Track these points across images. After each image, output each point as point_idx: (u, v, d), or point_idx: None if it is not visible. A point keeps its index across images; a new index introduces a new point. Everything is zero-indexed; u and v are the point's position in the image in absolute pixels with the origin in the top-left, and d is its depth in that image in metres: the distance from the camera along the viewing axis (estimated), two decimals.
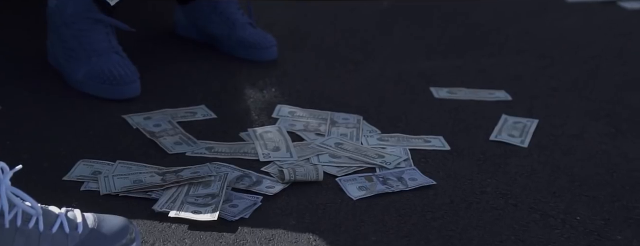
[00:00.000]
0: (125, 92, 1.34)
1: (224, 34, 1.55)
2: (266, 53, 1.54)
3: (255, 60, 1.53)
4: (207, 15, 1.57)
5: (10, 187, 0.81)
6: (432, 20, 1.78)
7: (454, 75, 1.46)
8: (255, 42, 1.53)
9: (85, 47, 1.38)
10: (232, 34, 1.54)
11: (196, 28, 1.60)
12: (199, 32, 1.60)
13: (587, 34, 1.71)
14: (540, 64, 1.53)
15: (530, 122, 1.26)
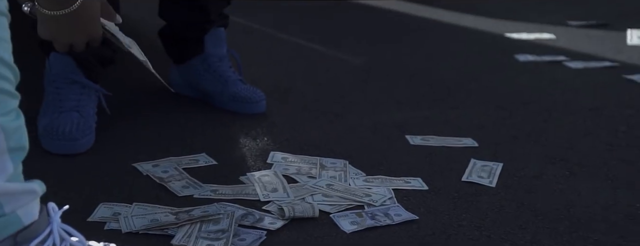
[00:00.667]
0: (69, 147, 1.38)
1: (217, 90, 1.65)
2: (257, 106, 1.64)
3: (247, 113, 1.63)
4: (202, 73, 1.67)
5: (60, 224, 0.88)
6: (400, 77, 1.91)
7: (424, 124, 1.59)
8: (246, 97, 1.63)
9: (56, 103, 1.46)
10: (224, 90, 1.65)
11: (190, 85, 1.70)
12: (193, 89, 1.70)
13: (539, 89, 1.86)
14: (500, 115, 1.66)
15: (496, 165, 1.38)
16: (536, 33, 2.37)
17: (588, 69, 2.02)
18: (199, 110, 1.63)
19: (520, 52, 2.13)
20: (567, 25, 2.49)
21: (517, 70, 1.99)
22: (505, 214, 1.21)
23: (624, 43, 2.29)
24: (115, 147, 1.42)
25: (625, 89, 1.87)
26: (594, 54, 2.16)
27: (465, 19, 2.54)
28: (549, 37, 2.33)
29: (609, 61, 2.08)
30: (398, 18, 2.58)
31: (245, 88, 1.65)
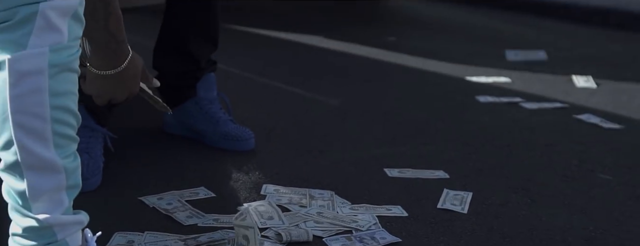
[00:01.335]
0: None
1: (209, 129, 1.75)
2: (246, 144, 1.74)
3: (237, 150, 1.73)
4: (194, 114, 1.77)
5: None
6: (374, 117, 2.03)
7: (400, 159, 1.70)
8: (237, 135, 1.73)
9: None
10: (216, 129, 1.74)
11: (183, 125, 1.79)
12: (186, 129, 1.79)
13: (499, 127, 1.99)
14: (466, 151, 1.79)
15: (466, 194, 1.50)
16: (494, 77, 2.52)
17: (541, 109, 2.17)
18: (192, 148, 1.73)
19: (480, 94, 2.28)
20: (521, 70, 2.66)
21: (479, 110, 2.14)
22: (477, 237, 1.33)
23: (572, 86, 2.46)
24: (121, 183, 1.51)
25: (575, 127, 2.02)
26: (546, 95, 2.32)
27: (429, 64, 2.69)
28: (505, 81, 2.49)
29: (560, 102, 2.24)
30: (368, 62, 2.72)
31: (235, 128, 1.75)
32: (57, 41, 0.94)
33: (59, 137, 0.96)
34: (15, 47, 0.92)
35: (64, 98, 0.96)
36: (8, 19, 0.92)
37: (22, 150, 0.94)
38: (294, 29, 3.22)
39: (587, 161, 1.75)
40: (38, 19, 0.92)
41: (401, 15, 3.97)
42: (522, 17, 3.92)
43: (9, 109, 0.93)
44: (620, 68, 2.78)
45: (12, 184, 0.95)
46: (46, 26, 0.93)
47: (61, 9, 0.93)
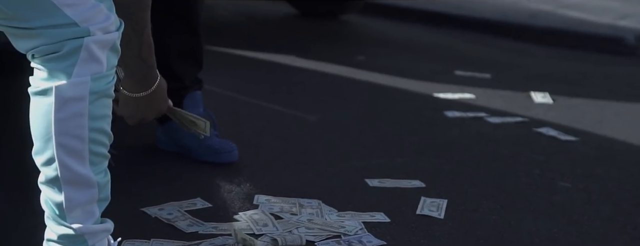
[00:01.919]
0: None
1: (194, 143, 1.83)
2: (229, 156, 1.82)
3: (222, 162, 1.81)
4: (181, 130, 1.85)
5: None
6: (351, 132, 2.14)
7: (379, 170, 1.81)
8: (220, 148, 1.82)
9: None
10: (201, 143, 1.83)
11: (173, 141, 1.87)
12: (175, 144, 1.87)
13: (467, 140, 2.12)
14: (439, 162, 1.91)
15: (442, 201, 1.61)
16: (459, 93, 2.66)
17: (504, 123, 2.30)
18: (184, 163, 1.80)
19: (448, 109, 2.41)
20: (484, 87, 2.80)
21: (447, 125, 2.26)
22: (454, 239, 1.44)
23: (531, 102, 2.61)
24: (121, 195, 1.56)
25: (535, 140, 2.16)
26: (507, 110, 2.46)
27: (398, 82, 2.81)
28: (469, 97, 2.62)
29: (521, 117, 2.38)
30: (340, 80, 2.83)
31: (219, 141, 1.83)
32: (98, 71, 1.04)
33: (94, 155, 1.06)
34: (62, 76, 1.02)
35: (100, 121, 1.07)
36: (56, 51, 1.02)
37: (62, 166, 1.03)
38: (267, 49, 3.32)
39: (548, 170, 1.88)
40: (82, 51, 1.02)
41: (364, 34, 4.10)
42: (482, 37, 4.08)
43: (53, 131, 1.03)
44: (573, 85, 2.95)
45: (50, 196, 1.04)
46: (89, 58, 1.03)
47: (102, 42, 1.03)
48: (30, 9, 1.00)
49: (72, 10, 1.01)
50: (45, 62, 1.03)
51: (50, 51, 1.02)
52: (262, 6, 4.73)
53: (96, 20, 1.02)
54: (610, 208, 1.66)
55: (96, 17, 1.02)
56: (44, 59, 1.03)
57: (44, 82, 1.04)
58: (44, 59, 1.03)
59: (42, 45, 1.02)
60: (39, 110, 1.05)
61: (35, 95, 1.06)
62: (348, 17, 4.39)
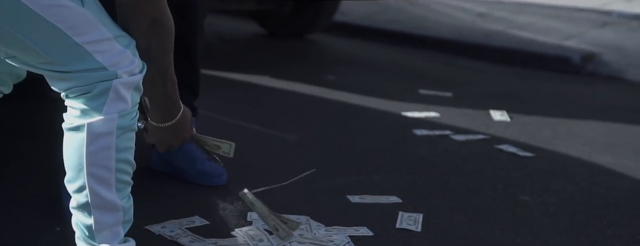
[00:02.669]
0: None
1: (187, 166, 1.93)
2: (219, 179, 1.92)
3: (212, 185, 1.91)
4: (175, 154, 1.94)
5: None
6: (329, 150, 2.26)
7: (358, 187, 1.94)
8: (211, 172, 1.92)
9: None
10: (193, 166, 1.93)
11: (166, 163, 1.96)
12: (169, 166, 1.96)
13: (435, 157, 2.26)
14: (412, 178, 2.04)
15: (418, 215, 1.75)
16: (425, 112, 2.81)
17: (468, 141, 2.45)
18: (179, 183, 1.90)
19: (416, 128, 2.55)
20: (446, 105, 2.95)
21: (416, 143, 2.40)
22: None
23: (490, 119, 2.77)
24: None
25: (497, 156, 2.31)
26: (470, 128, 2.61)
27: (368, 101, 2.95)
28: (434, 115, 2.77)
29: (482, 134, 2.54)
30: (314, 99, 2.95)
31: (210, 165, 1.93)
32: (124, 108, 1.16)
33: (120, 182, 1.17)
34: (93, 114, 1.14)
35: (126, 152, 1.19)
36: (88, 92, 1.14)
37: (92, 193, 1.14)
38: (240, 69, 3.42)
39: (510, 185, 2.03)
40: (111, 92, 1.14)
41: (330, 54, 4.24)
42: (440, 55, 4.25)
43: (84, 162, 1.15)
44: (526, 103, 3.13)
45: (81, 219, 1.14)
46: (116, 97, 1.15)
47: (128, 83, 1.16)
48: (67, 55, 1.12)
49: (102, 56, 1.13)
50: (78, 102, 1.15)
51: (83, 92, 1.14)
52: (231, 26, 4.83)
53: (122, 65, 1.15)
54: (566, 220, 1.81)
55: (123, 62, 1.15)
56: (77, 99, 1.15)
57: (77, 119, 1.16)
58: (77, 98, 1.15)
59: (76, 86, 1.14)
60: (72, 144, 1.17)
61: (69, 131, 1.17)
62: (313, 36, 4.53)
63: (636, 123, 2.81)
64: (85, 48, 1.12)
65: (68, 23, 1.12)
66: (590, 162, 2.28)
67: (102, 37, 1.14)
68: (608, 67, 3.87)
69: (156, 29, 1.22)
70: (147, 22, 1.21)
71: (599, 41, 4.29)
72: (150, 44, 1.23)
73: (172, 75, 1.30)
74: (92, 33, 1.13)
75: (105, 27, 1.15)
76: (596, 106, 3.12)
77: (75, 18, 1.12)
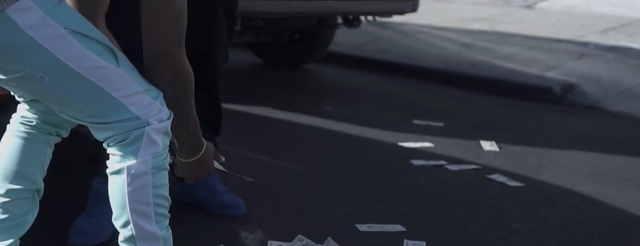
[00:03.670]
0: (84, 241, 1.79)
1: (208, 198, 2.06)
2: (238, 210, 2.06)
3: (232, 215, 2.04)
4: (198, 186, 2.08)
5: None
6: (335, 181, 2.40)
7: (365, 216, 2.08)
8: (231, 204, 2.06)
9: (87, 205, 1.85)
10: (214, 198, 2.06)
11: (188, 195, 2.09)
12: (191, 197, 2.09)
13: (433, 187, 2.41)
14: (413, 207, 2.19)
15: (422, 243, 1.90)
16: (420, 142, 2.96)
17: (462, 171, 2.61)
18: (202, 214, 2.03)
19: (413, 158, 2.70)
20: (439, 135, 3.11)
21: (414, 173, 2.55)
22: None
23: (481, 149, 2.93)
24: None
25: (489, 186, 2.47)
26: (462, 158, 2.76)
27: (366, 131, 3.10)
28: (429, 145, 2.93)
29: (474, 164, 2.69)
30: (314, 130, 3.10)
31: (230, 197, 2.07)
32: (156, 151, 1.33)
33: (158, 215, 1.32)
34: (130, 158, 1.31)
35: (161, 189, 1.34)
36: (125, 139, 1.31)
37: (136, 227, 1.29)
38: (243, 100, 3.56)
39: (502, 213, 2.19)
40: (144, 137, 1.31)
41: (326, 83, 4.40)
42: (429, 85, 4.41)
43: (126, 200, 1.31)
44: (513, 133, 3.29)
45: None
46: (149, 142, 1.31)
47: (158, 129, 1.33)
48: (107, 108, 1.30)
49: (136, 108, 1.31)
50: (117, 149, 1.32)
51: (121, 139, 1.31)
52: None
53: (153, 113, 1.32)
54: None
55: (152, 111, 1.32)
56: (116, 146, 1.32)
57: (118, 163, 1.32)
58: (116, 146, 1.32)
59: (115, 134, 1.32)
60: (115, 185, 1.33)
61: (112, 175, 1.33)
62: (309, 65, 4.68)
63: (614, 153, 2.98)
64: (121, 101, 1.29)
65: (107, 81, 1.29)
66: (574, 191, 2.44)
67: (134, 91, 1.31)
68: (587, 98, 4.06)
69: (178, 79, 1.39)
70: (171, 74, 1.37)
71: (578, 72, 4.48)
72: (175, 93, 1.39)
73: (194, 117, 1.45)
74: (126, 88, 1.30)
75: (137, 82, 1.33)
76: (577, 136, 3.29)
77: (112, 76, 1.30)
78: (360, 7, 3.95)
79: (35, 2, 1.23)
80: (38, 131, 1.49)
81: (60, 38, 1.25)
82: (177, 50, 1.36)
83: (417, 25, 5.95)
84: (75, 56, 1.26)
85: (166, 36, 1.33)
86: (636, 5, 6.71)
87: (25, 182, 1.47)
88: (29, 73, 1.26)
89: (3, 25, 1.21)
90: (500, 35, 5.73)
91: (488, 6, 7.29)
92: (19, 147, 1.48)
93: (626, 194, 2.45)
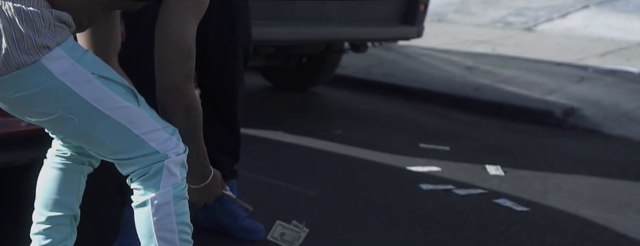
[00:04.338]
0: None
1: (230, 223, 2.14)
2: (259, 235, 2.14)
3: (252, 239, 2.12)
4: (219, 212, 2.16)
5: None
6: (348, 205, 2.48)
7: (378, 241, 2.16)
8: (252, 229, 2.14)
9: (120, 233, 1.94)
10: (236, 223, 2.14)
11: (211, 220, 2.17)
12: (213, 222, 2.17)
13: (442, 211, 2.48)
14: (423, 232, 2.26)
15: None
16: (427, 166, 3.04)
17: (469, 195, 2.69)
18: (224, 238, 2.11)
19: (422, 182, 2.78)
20: (446, 160, 3.19)
21: (424, 197, 2.63)
22: None
23: (487, 174, 3.01)
24: None
25: (495, 210, 2.54)
26: (469, 182, 2.84)
27: (375, 155, 3.18)
28: (436, 170, 3.01)
29: (481, 189, 2.77)
30: (325, 154, 3.18)
31: (250, 222, 2.15)
32: (175, 182, 1.43)
33: (183, 241, 1.44)
34: (153, 190, 1.42)
35: (183, 216, 1.45)
36: (147, 172, 1.42)
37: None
38: (255, 124, 3.64)
39: (510, 238, 2.26)
40: (164, 170, 1.42)
41: (334, 107, 4.48)
42: (434, 108, 4.50)
43: (153, 229, 1.42)
44: (517, 157, 3.37)
45: None
46: (169, 174, 1.42)
47: (176, 161, 1.44)
48: (129, 144, 1.41)
49: (155, 143, 1.42)
50: (139, 183, 1.43)
51: (142, 173, 1.42)
52: None
53: (170, 147, 1.43)
54: None
55: (170, 145, 1.43)
56: (139, 181, 1.43)
57: (142, 196, 1.43)
58: (139, 180, 1.42)
59: (137, 169, 1.42)
60: (141, 217, 1.44)
61: (137, 207, 1.44)
62: (316, 88, 4.78)
63: (615, 177, 3.06)
64: (142, 137, 1.40)
65: (129, 120, 1.41)
66: (578, 216, 2.52)
67: (154, 128, 1.42)
68: (587, 121, 4.15)
69: (190, 112, 1.49)
70: (182, 108, 1.48)
71: (578, 96, 4.57)
72: (187, 125, 1.50)
73: (203, 146, 1.55)
74: (146, 126, 1.42)
75: (155, 120, 1.44)
76: (579, 159, 3.38)
77: (134, 115, 1.41)
78: (368, 34, 4.05)
79: (66, 51, 1.36)
80: (72, 162, 1.61)
81: (88, 82, 1.38)
82: (187, 85, 1.47)
83: (420, 47, 6.05)
84: (101, 98, 1.39)
85: (178, 73, 1.44)
86: (634, 29, 6.82)
87: (63, 209, 1.59)
88: (61, 115, 1.38)
89: (38, 73, 1.34)
90: (501, 58, 5.83)
91: (489, 28, 7.41)
92: (56, 177, 1.61)
93: (628, 219, 2.53)
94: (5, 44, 1.30)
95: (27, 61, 1.31)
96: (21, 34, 1.30)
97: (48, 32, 1.33)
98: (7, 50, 1.30)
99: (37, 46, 1.31)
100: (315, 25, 3.73)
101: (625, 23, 7.05)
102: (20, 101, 1.38)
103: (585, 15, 7.45)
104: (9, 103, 1.41)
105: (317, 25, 3.74)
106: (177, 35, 1.43)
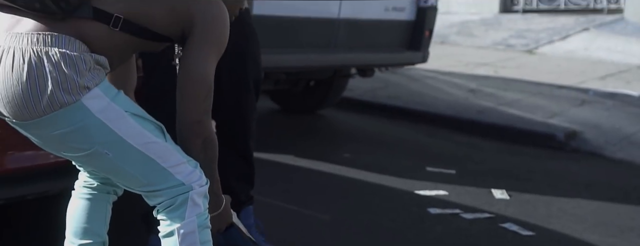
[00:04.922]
0: None
1: None
2: None
3: None
4: (239, 237, 2.21)
5: None
6: (358, 228, 2.54)
7: None
8: None
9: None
10: None
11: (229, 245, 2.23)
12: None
13: (450, 236, 2.55)
14: None
15: None
16: (434, 190, 3.10)
17: (476, 219, 2.75)
18: None
19: (429, 206, 2.84)
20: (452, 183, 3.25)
21: (432, 221, 2.69)
22: None
23: (492, 198, 3.07)
24: None
25: (502, 234, 2.60)
26: (476, 206, 2.90)
27: (383, 179, 3.24)
28: (444, 193, 3.07)
29: (487, 213, 2.83)
30: (336, 178, 3.24)
31: None
32: (199, 212, 1.52)
33: None
34: (178, 220, 1.50)
35: (207, 244, 1.54)
36: (173, 203, 1.50)
37: None
38: (264, 147, 3.70)
39: None
40: (189, 201, 1.50)
41: (341, 129, 4.56)
42: (438, 130, 4.57)
43: None
44: (521, 180, 3.43)
45: None
46: (193, 204, 1.51)
47: (200, 192, 1.52)
48: (157, 177, 1.49)
49: (180, 175, 1.50)
50: (165, 214, 1.51)
51: (169, 205, 1.50)
52: None
53: (194, 179, 1.51)
54: None
55: (194, 177, 1.51)
56: (165, 212, 1.51)
57: (168, 227, 1.51)
58: (165, 211, 1.50)
59: (164, 200, 1.50)
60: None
61: (164, 237, 1.52)
62: (323, 111, 4.85)
63: (618, 201, 3.12)
64: (169, 170, 1.49)
65: (158, 154, 1.49)
66: (582, 240, 2.58)
67: (179, 162, 1.50)
68: (589, 144, 4.21)
69: (208, 144, 1.58)
70: (201, 140, 1.56)
71: (579, 119, 4.65)
72: (205, 157, 1.58)
73: (217, 176, 1.62)
74: (173, 159, 1.50)
75: (180, 154, 1.52)
76: (582, 183, 3.44)
77: (162, 150, 1.50)
78: (375, 60, 4.14)
79: (103, 90, 1.45)
80: (99, 191, 1.71)
81: (122, 119, 1.47)
82: (206, 119, 1.55)
83: (424, 70, 6.14)
84: (134, 134, 1.47)
85: (199, 108, 1.53)
86: (633, 51, 6.91)
87: (93, 236, 1.68)
88: (97, 150, 1.47)
89: (78, 111, 1.43)
90: (504, 80, 5.91)
91: (491, 50, 7.50)
92: (85, 207, 1.69)
93: (631, 243, 2.58)
94: (51, 86, 1.38)
95: (69, 101, 1.40)
96: (65, 76, 1.39)
97: (88, 74, 1.42)
98: (51, 92, 1.39)
99: (79, 87, 1.40)
100: (324, 52, 3.82)
101: (624, 45, 7.15)
102: (58, 138, 1.46)
103: (585, 38, 7.54)
104: (45, 140, 1.50)
105: (326, 52, 3.83)
106: (200, 71, 1.52)
